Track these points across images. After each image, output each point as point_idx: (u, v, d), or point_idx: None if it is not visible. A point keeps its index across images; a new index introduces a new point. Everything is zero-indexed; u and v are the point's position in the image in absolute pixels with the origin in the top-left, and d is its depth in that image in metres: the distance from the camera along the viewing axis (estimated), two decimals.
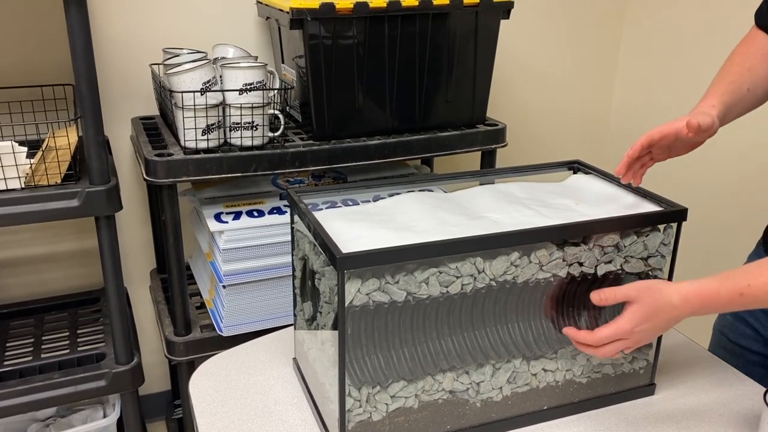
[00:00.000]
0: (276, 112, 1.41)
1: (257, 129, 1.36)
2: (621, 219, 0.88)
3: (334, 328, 0.81)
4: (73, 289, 1.72)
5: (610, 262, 0.89)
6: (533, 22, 2.02)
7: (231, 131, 1.36)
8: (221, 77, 1.34)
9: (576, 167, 1.08)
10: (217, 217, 1.38)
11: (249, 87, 1.32)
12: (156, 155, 1.30)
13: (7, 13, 1.49)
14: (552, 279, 0.87)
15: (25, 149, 1.20)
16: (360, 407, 0.83)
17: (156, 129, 1.51)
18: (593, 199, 0.98)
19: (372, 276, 0.77)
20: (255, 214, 1.42)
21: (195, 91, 1.28)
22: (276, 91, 1.42)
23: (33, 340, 1.51)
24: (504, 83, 2.02)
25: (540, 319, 0.90)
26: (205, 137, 1.33)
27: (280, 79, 1.54)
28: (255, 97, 1.33)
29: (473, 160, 1.72)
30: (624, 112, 2.21)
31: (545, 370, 0.92)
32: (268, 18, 1.60)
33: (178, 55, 1.44)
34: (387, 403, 0.84)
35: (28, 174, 1.22)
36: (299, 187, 1.17)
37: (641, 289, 0.83)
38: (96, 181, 1.23)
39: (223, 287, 1.40)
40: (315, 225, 0.82)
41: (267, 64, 1.38)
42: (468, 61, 1.52)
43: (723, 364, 1.06)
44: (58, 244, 1.69)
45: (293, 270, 0.98)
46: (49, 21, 1.51)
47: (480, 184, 1.04)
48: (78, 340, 1.52)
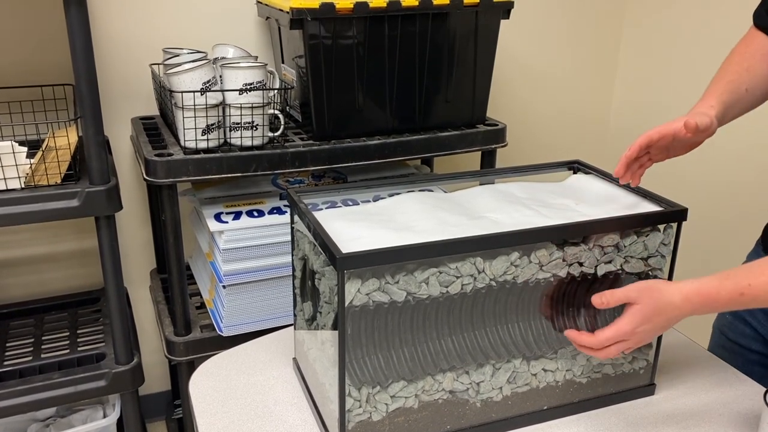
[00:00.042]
0: (276, 112, 1.41)
1: (257, 129, 1.36)
2: (621, 219, 0.88)
3: (334, 328, 0.81)
4: (73, 289, 1.72)
5: (610, 262, 0.89)
6: (533, 22, 2.02)
7: (231, 131, 1.36)
8: (221, 77, 1.34)
9: (576, 167, 1.08)
10: (217, 217, 1.38)
11: (249, 87, 1.32)
12: (156, 155, 1.30)
13: (7, 13, 1.49)
14: (552, 279, 0.87)
15: (25, 149, 1.20)
16: (360, 407, 0.83)
17: (156, 129, 1.51)
18: (593, 199, 0.98)
19: (372, 276, 0.77)
20: (255, 214, 1.42)
21: (195, 91, 1.28)
22: (276, 91, 1.42)
23: (33, 340, 1.51)
24: (504, 83, 2.02)
25: (540, 319, 0.90)
26: (205, 137, 1.33)
27: (280, 79, 1.54)
28: (255, 97, 1.33)
29: (473, 160, 1.72)
30: (624, 112, 2.21)
31: (545, 370, 0.92)
32: (268, 18, 1.60)
33: (178, 55, 1.44)
34: (387, 403, 0.84)
35: (28, 174, 1.22)
36: (299, 187, 1.17)
37: (641, 290, 0.83)
38: (96, 181, 1.23)
39: (223, 287, 1.40)
40: (315, 225, 0.82)
41: (267, 64, 1.38)
42: (468, 61, 1.52)
43: (723, 364, 1.06)
44: (58, 244, 1.69)
45: (293, 270, 0.98)
46: (49, 21, 1.51)
47: (480, 184, 1.04)
48: (78, 340, 1.52)
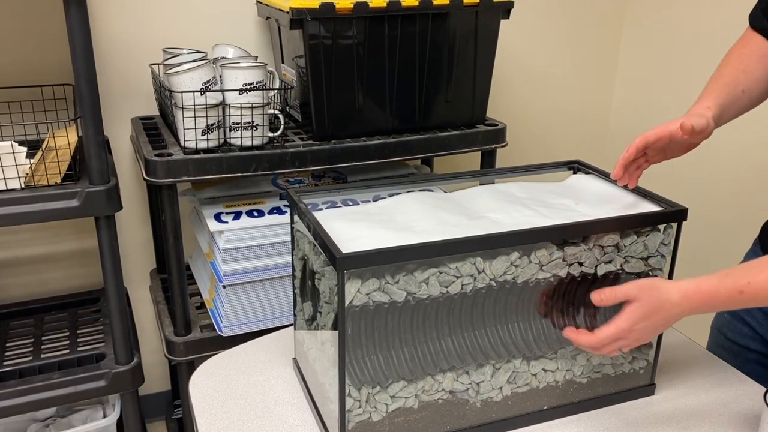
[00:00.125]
0: (276, 112, 1.41)
1: (257, 129, 1.36)
2: (621, 219, 0.88)
3: (334, 328, 0.81)
4: (73, 289, 1.72)
5: (610, 262, 0.89)
6: (533, 22, 2.02)
7: (231, 131, 1.36)
8: (221, 77, 1.34)
9: (576, 167, 1.08)
10: (217, 217, 1.38)
11: (249, 87, 1.32)
12: (156, 155, 1.30)
13: (7, 13, 1.49)
14: (552, 279, 0.87)
15: (25, 149, 1.20)
16: (360, 407, 0.83)
17: (156, 129, 1.51)
18: (593, 199, 0.98)
19: (372, 276, 0.77)
20: (255, 214, 1.42)
21: (195, 91, 1.28)
22: (276, 91, 1.42)
23: (33, 340, 1.51)
24: (504, 83, 2.02)
25: (540, 319, 0.90)
26: (205, 137, 1.33)
27: (280, 79, 1.54)
28: (255, 97, 1.33)
29: (473, 160, 1.72)
30: (624, 112, 2.21)
31: (545, 370, 0.92)
32: (268, 18, 1.60)
33: (178, 55, 1.44)
34: (387, 403, 0.84)
35: (27, 174, 1.22)
36: (299, 187, 1.17)
37: (641, 288, 0.83)
38: (96, 181, 1.23)
39: (223, 287, 1.40)
40: (315, 225, 0.82)
41: (267, 64, 1.38)
42: (468, 61, 1.52)
43: (723, 363, 1.06)
44: (58, 244, 1.69)
45: (293, 270, 0.98)
46: (49, 21, 1.51)
47: (480, 184, 1.04)
48: (78, 340, 1.52)
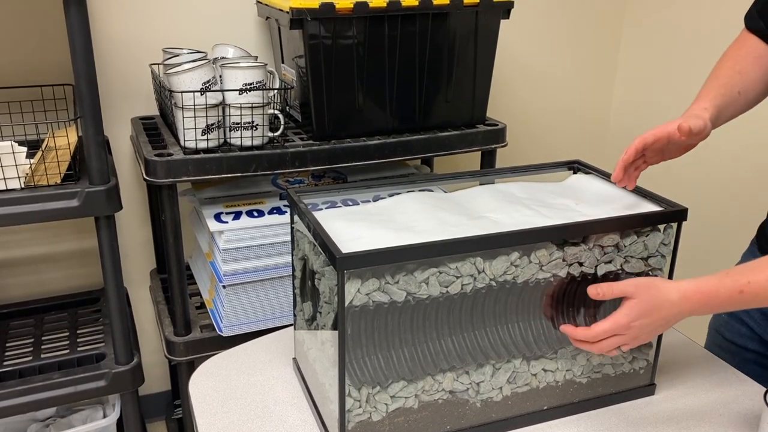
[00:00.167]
0: (276, 112, 1.41)
1: (257, 129, 1.36)
2: (621, 219, 0.88)
3: (334, 328, 0.81)
4: (73, 289, 1.72)
5: (610, 262, 0.89)
6: (533, 22, 2.02)
7: (231, 131, 1.36)
8: (221, 77, 1.33)
9: (576, 167, 1.08)
10: (217, 217, 1.38)
11: (249, 87, 1.32)
12: (156, 155, 1.30)
13: (7, 13, 1.49)
14: (552, 279, 0.87)
15: (25, 149, 1.20)
16: (360, 407, 0.82)
17: (156, 129, 1.51)
18: (593, 199, 0.98)
19: (372, 276, 0.77)
20: (255, 214, 1.42)
21: (195, 91, 1.28)
22: (276, 91, 1.42)
23: (33, 340, 1.51)
24: (504, 83, 2.02)
25: (540, 319, 0.90)
26: (205, 137, 1.33)
27: (280, 79, 1.54)
28: (255, 97, 1.33)
29: (473, 160, 1.72)
30: (624, 112, 2.21)
31: (545, 370, 0.92)
32: (268, 18, 1.60)
33: (177, 55, 1.44)
34: (387, 404, 0.84)
35: (27, 174, 1.22)
36: (299, 187, 1.17)
37: (638, 286, 0.82)
38: (96, 181, 1.23)
39: (223, 287, 1.40)
40: (315, 225, 0.82)
41: (267, 64, 1.38)
42: (468, 61, 1.52)
43: (723, 363, 1.06)
44: (57, 244, 1.69)
45: (293, 270, 0.98)
46: (49, 21, 1.51)
47: (480, 184, 1.04)
48: (78, 340, 1.52)
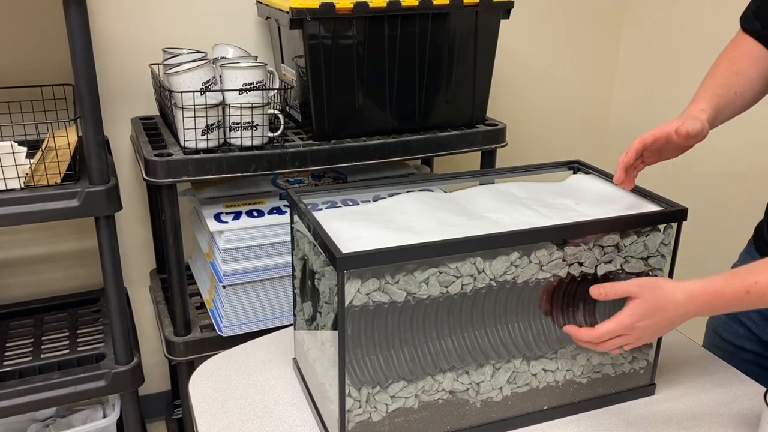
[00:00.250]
0: (276, 112, 1.41)
1: (257, 129, 1.36)
2: (621, 219, 0.88)
3: (334, 328, 0.81)
4: (73, 289, 1.72)
5: (610, 262, 0.89)
6: (533, 22, 2.02)
7: (231, 131, 1.36)
8: (221, 77, 1.33)
9: (576, 167, 1.08)
10: (217, 217, 1.38)
11: (249, 87, 1.32)
12: (156, 155, 1.30)
13: (7, 13, 1.49)
14: (552, 279, 0.87)
15: (25, 149, 1.20)
16: (360, 407, 0.82)
17: (156, 129, 1.51)
18: (593, 199, 0.98)
19: (372, 276, 0.77)
20: (255, 214, 1.42)
21: (195, 91, 1.28)
22: (276, 91, 1.42)
23: (33, 340, 1.51)
24: (504, 83, 2.02)
25: (540, 319, 0.90)
26: (205, 137, 1.33)
27: (279, 79, 1.54)
28: (255, 97, 1.33)
29: (473, 160, 1.72)
30: (624, 111, 2.21)
31: (545, 370, 0.92)
32: (268, 18, 1.60)
33: (177, 55, 1.44)
34: (387, 404, 0.84)
35: (27, 174, 1.22)
36: (299, 187, 1.16)
37: (642, 286, 0.82)
38: (96, 181, 1.23)
39: (223, 287, 1.40)
40: (315, 225, 0.82)
41: (267, 64, 1.38)
42: (468, 61, 1.52)
43: (723, 363, 1.06)
44: (57, 244, 1.69)
45: (293, 270, 0.98)
46: (49, 21, 1.51)
47: (480, 184, 1.04)
48: (78, 340, 1.52)
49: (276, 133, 1.40)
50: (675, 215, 0.91)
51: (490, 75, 1.56)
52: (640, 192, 0.96)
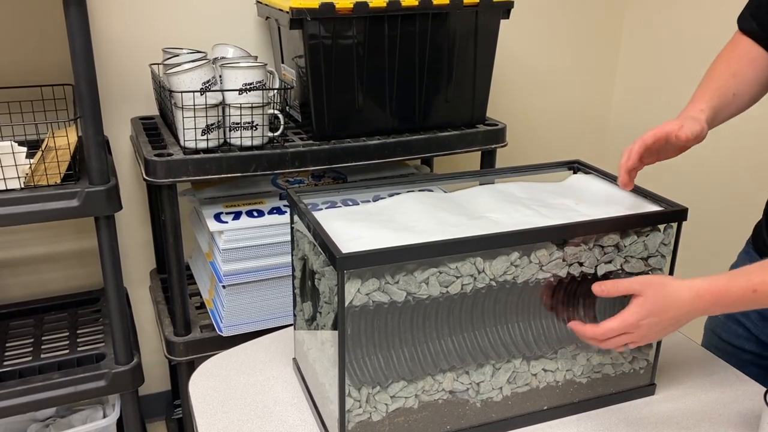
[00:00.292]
0: (276, 112, 1.41)
1: (257, 129, 1.36)
2: (621, 219, 0.88)
3: (334, 328, 0.81)
4: (73, 289, 1.72)
5: (610, 262, 0.89)
6: (533, 22, 2.02)
7: (231, 131, 1.36)
8: (221, 77, 1.33)
9: (576, 167, 1.08)
10: (217, 217, 1.38)
11: (249, 87, 1.32)
12: (156, 155, 1.30)
13: (7, 13, 1.49)
14: (552, 279, 0.87)
15: (25, 149, 1.20)
16: (360, 407, 0.82)
17: (156, 129, 1.51)
18: (593, 199, 0.98)
19: (372, 276, 0.77)
20: (255, 214, 1.42)
21: (195, 91, 1.28)
22: (276, 91, 1.42)
23: (33, 340, 1.51)
24: (504, 83, 2.02)
25: (540, 319, 0.90)
26: (205, 137, 1.33)
27: (279, 79, 1.54)
28: (255, 97, 1.33)
29: (473, 160, 1.72)
30: (624, 111, 2.21)
31: (545, 370, 0.92)
32: (267, 18, 1.60)
33: (177, 55, 1.44)
34: (387, 404, 0.84)
35: (27, 174, 1.22)
36: (299, 187, 1.16)
37: (645, 284, 0.82)
38: (96, 181, 1.23)
39: (223, 287, 1.40)
40: (315, 225, 0.82)
41: (267, 64, 1.38)
42: (468, 61, 1.52)
43: (723, 363, 1.06)
44: (57, 244, 1.69)
45: (293, 270, 0.98)
46: (49, 21, 1.51)
47: (480, 184, 1.04)
48: (78, 340, 1.52)
49: (276, 133, 1.40)
50: (675, 215, 0.91)
51: (490, 75, 1.56)
52: (640, 192, 0.96)
